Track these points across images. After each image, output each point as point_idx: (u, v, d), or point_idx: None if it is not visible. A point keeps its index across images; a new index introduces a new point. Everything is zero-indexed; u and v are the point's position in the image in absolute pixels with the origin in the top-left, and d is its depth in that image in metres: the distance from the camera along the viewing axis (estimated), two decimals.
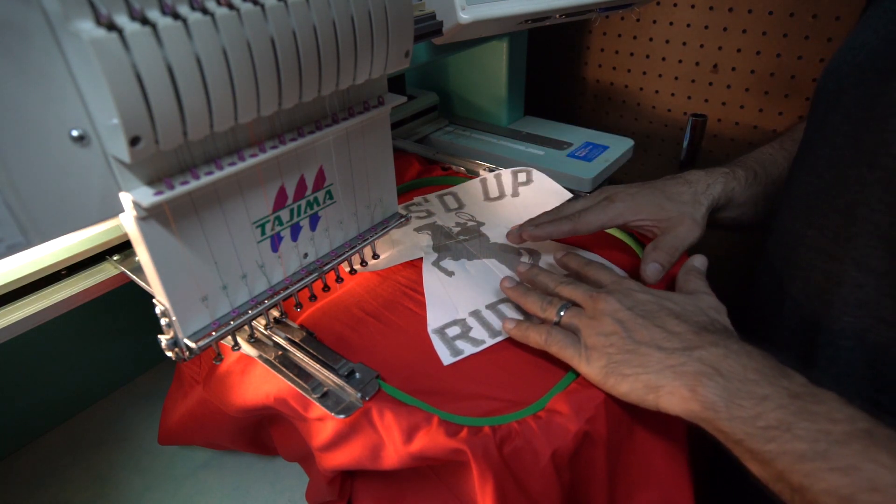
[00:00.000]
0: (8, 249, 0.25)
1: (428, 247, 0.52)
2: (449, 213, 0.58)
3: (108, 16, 0.22)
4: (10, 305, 0.41)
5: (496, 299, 0.45)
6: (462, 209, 0.58)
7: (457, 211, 0.58)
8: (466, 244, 0.52)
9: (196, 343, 0.33)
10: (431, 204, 0.59)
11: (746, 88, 0.82)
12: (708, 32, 0.82)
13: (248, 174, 0.33)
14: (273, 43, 0.27)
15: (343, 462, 0.36)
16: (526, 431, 0.33)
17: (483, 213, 0.57)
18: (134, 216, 0.28)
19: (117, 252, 0.46)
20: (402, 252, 0.50)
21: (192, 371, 0.46)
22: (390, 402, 0.35)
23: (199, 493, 0.48)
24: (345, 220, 0.42)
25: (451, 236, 0.53)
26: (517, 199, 0.59)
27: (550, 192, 0.58)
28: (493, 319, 0.43)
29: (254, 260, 0.36)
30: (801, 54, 0.75)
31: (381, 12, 0.32)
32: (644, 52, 0.89)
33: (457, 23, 0.49)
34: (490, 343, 0.41)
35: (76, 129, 0.25)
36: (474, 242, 0.52)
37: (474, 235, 0.54)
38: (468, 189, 0.61)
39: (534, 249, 0.51)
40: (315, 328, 0.42)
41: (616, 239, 0.53)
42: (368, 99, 0.38)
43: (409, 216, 0.48)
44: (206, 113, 0.26)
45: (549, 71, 1.00)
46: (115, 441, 0.53)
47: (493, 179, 0.61)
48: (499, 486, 0.32)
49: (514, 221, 0.55)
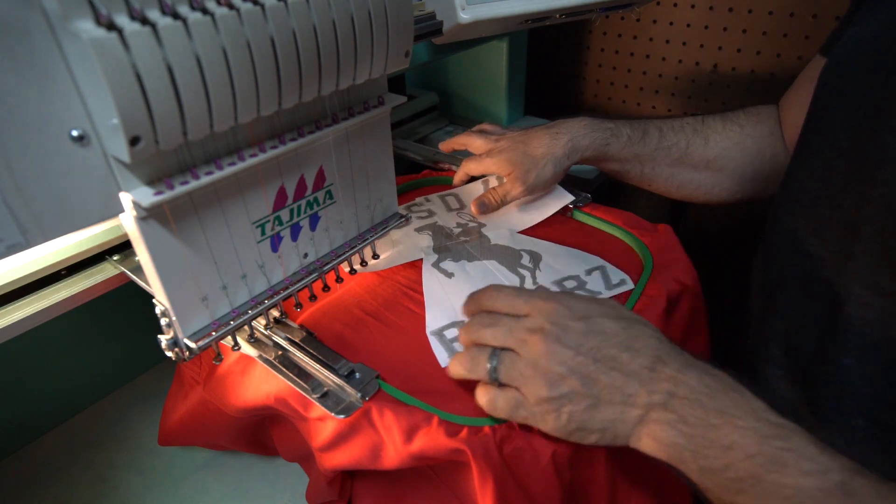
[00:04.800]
0: (8, 249, 0.25)
1: (428, 248, 0.51)
2: (450, 213, 0.58)
3: (108, 16, 0.22)
4: (10, 305, 0.41)
5: None
6: (463, 210, 0.58)
7: (458, 212, 0.58)
8: (467, 245, 0.52)
9: (196, 343, 0.33)
10: (433, 204, 0.59)
11: (746, 88, 0.82)
12: (708, 32, 0.82)
13: (248, 174, 0.33)
14: (273, 43, 0.27)
15: (343, 462, 0.36)
16: (526, 431, 0.33)
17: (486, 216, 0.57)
18: (134, 216, 0.28)
19: (117, 252, 0.46)
20: (403, 253, 0.50)
21: (193, 371, 0.46)
22: (390, 402, 0.35)
23: (199, 493, 0.48)
24: (345, 220, 0.42)
25: (452, 237, 0.53)
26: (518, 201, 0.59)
27: (550, 194, 0.58)
28: None
29: (254, 260, 0.36)
30: (801, 54, 0.75)
31: (381, 12, 0.32)
32: (644, 52, 0.89)
33: (457, 23, 0.49)
34: None
35: (76, 129, 0.25)
36: (475, 244, 0.52)
37: (475, 236, 0.54)
38: (471, 190, 0.61)
39: (534, 251, 0.51)
40: (315, 328, 0.42)
41: (616, 239, 0.53)
42: (368, 99, 0.38)
43: (410, 216, 0.48)
44: (206, 113, 0.26)
45: (549, 71, 1.00)
46: (115, 441, 0.53)
47: (495, 181, 0.61)
48: (499, 486, 0.32)
49: (515, 224, 0.55)
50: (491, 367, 0.33)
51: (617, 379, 0.31)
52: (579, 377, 0.31)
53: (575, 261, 0.49)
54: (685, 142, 0.56)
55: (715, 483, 0.28)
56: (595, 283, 0.46)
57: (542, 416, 0.31)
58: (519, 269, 0.49)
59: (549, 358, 0.31)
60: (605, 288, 0.46)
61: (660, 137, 0.56)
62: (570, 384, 0.31)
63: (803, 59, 0.75)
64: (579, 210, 0.56)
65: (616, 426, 0.31)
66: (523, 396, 0.32)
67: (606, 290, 0.45)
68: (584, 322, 0.33)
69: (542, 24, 0.57)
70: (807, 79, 0.52)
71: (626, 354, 0.31)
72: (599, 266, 0.48)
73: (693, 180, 0.57)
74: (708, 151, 0.56)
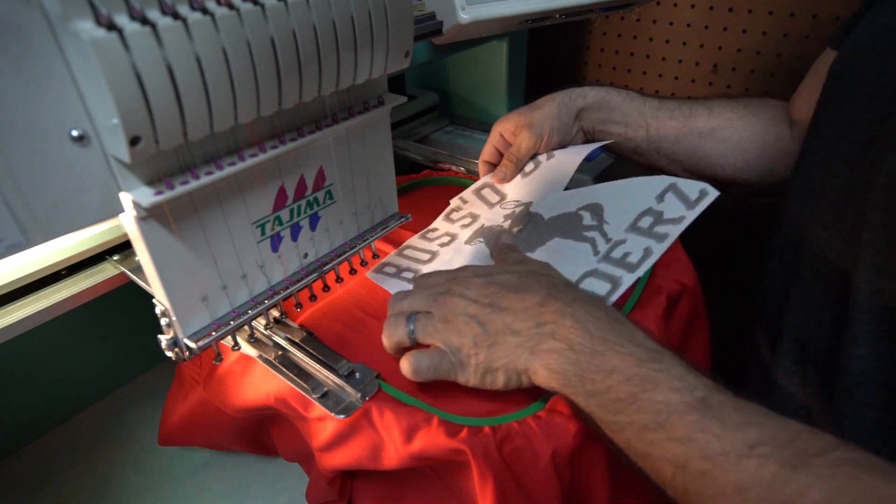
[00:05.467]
0: (8, 249, 0.25)
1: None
2: (493, 208, 0.53)
3: (108, 16, 0.22)
4: (10, 305, 0.41)
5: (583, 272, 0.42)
6: (504, 199, 0.54)
7: (501, 203, 0.53)
8: (521, 235, 0.47)
9: (196, 343, 0.33)
10: (472, 205, 0.55)
11: (746, 88, 0.82)
12: (708, 32, 0.82)
13: (248, 174, 0.33)
14: (273, 43, 0.27)
15: (343, 462, 0.36)
16: (526, 431, 0.33)
17: (526, 192, 0.53)
18: (134, 216, 0.28)
19: (117, 252, 0.46)
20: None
21: (193, 371, 0.46)
22: (390, 402, 0.35)
23: (199, 494, 0.48)
24: (345, 220, 0.42)
25: (505, 232, 0.48)
26: (553, 160, 0.55)
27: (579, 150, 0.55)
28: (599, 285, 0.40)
29: (254, 260, 0.36)
30: (801, 54, 0.75)
31: (381, 12, 0.32)
32: (644, 52, 0.89)
33: (457, 23, 0.49)
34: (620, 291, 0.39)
35: (76, 129, 0.25)
36: (529, 228, 0.48)
37: (526, 221, 0.48)
38: None
39: (592, 203, 0.46)
40: (315, 328, 0.42)
41: None
42: (368, 99, 0.38)
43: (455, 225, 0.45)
44: (206, 113, 0.26)
45: (549, 71, 1.00)
46: (115, 441, 0.53)
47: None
48: (499, 486, 0.32)
49: (557, 186, 0.51)
50: (409, 329, 0.36)
51: (507, 317, 0.34)
52: (477, 322, 0.34)
53: (639, 192, 0.45)
54: (687, 107, 0.56)
55: (598, 405, 0.30)
56: (673, 208, 0.42)
57: (459, 365, 0.34)
58: (585, 234, 0.44)
59: (453, 309, 0.35)
60: (687, 208, 0.41)
61: (660, 100, 0.57)
62: (472, 329, 0.34)
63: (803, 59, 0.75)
64: None
65: (513, 361, 0.33)
66: (441, 351, 0.35)
67: (688, 209, 0.41)
68: (484, 278, 0.37)
69: (542, 24, 0.57)
70: (816, 72, 0.52)
71: (517, 296, 0.35)
72: (670, 185, 0.43)
73: (698, 149, 0.57)
74: (712, 120, 0.56)
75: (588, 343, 0.31)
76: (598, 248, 0.43)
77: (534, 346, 0.33)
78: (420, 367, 0.35)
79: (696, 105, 0.57)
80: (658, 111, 0.56)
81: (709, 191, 0.41)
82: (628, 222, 0.43)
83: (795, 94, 0.55)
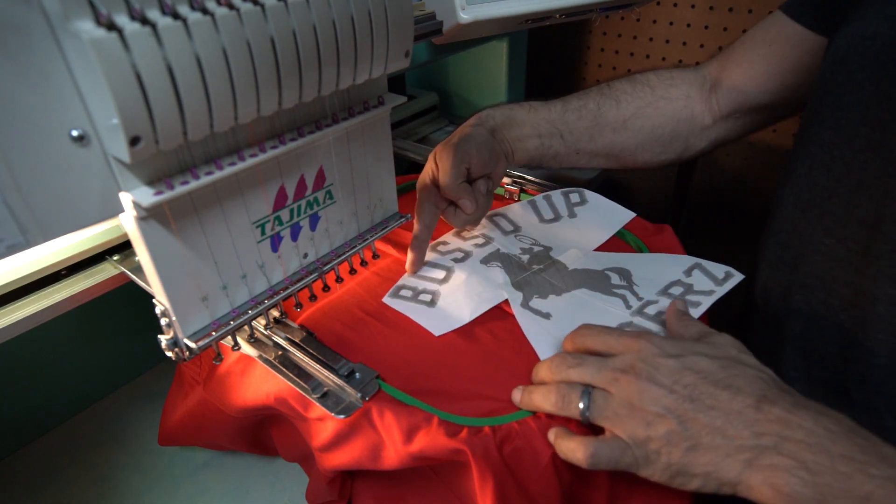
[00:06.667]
0: (8, 249, 0.25)
1: (506, 283, 0.46)
2: (507, 236, 0.53)
3: (108, 16, 0.22)
4: (10, 305, 0.41)
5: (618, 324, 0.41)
6: (520, 232, 0.54)
7: (516, 234, 0.53)
8: (544, 275, 0.47)
9: (196, 343, 0.33)
10: (484, 227, 0.55)
11: None
12: (708, 32, 0.82)
13: (248, 174, 0.33)
14: (273, 43, 0.27)
15: (343, 462, 0.36)
16: (526, 431, 0.33)
17: (544, 237, 0.53)
18: (134, 216, 0.28)
19: (117, 252, 0.46)
20: (483, 296, 0.45)
21: (193, 371, 0.46)
22: (390, 402, 0.35)
23: (199, 494, 0.48)
24: (345, 220, 0.42)
25: (524, 266, 0.48)
26: (575, 219, 0.55)
27: (608, 211, 0.55)
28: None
29: (254, 260, 0.36)
30: None
31: (381, 12, 0.32)
32: (644, 52, 0.89)
33: (457, 23, 0.49)
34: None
35: (76, 129, 0.25)
36: (552, 272, 0.48)
37: (548, 263, 0.49)
38: (517, 211, 0.57)
39: (620, 268, 0.47)
40: (315, 328, 0.42)
41: (618, 240, 0.53)
42: (368, 99, 0.38)
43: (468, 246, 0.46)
44: (206, 113, 0.26)
45: (549, 71, 1.00)
46: (115, 441, 0.53)
47: (543, 201, 0.58)
48: (499, 487, 0.32)
49: (579, 244, 0.51)
50: (584, 405, 0.32)
51: (717, 419, 0.29)
52: (675, 417, 0.30)
53: (666, 265, 0.46)
54: (594, 103, 0.56)
55: None
56: (701, 282, 0.43)
57: (644, 459, 0.30)
58: (615, 291, 0.45)
59: (642, 396, 0.30)
60: (715, 284, 0.42)
61: (564, 103, 0.56)
62: (667, 424, 0.30)
63: None
64: None
65: (720, 471, 0.29)
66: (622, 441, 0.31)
67: (717, 286, 0.42)
68: (676, 360, 0.32)
69: (542, 24, 0.57)
70: (762, 39, 0.51)
71: (725, 393, 0.30)
72: (695, 263, 0.45)
73: (615, 142, 0.57)
74: (622, 111, 0.56)
75: (827, 462, 0.27)
76: (630, 303, 0.43)
77: (751, 459, 0.28)
78: (600, 459, 0.31)
79: (603, 97, 0.56)
80: (565, 114, 0.56)
81: (733, 273, 0.43)
82: (659, 288, 0.44)
83: (726, 57, 0.55)
